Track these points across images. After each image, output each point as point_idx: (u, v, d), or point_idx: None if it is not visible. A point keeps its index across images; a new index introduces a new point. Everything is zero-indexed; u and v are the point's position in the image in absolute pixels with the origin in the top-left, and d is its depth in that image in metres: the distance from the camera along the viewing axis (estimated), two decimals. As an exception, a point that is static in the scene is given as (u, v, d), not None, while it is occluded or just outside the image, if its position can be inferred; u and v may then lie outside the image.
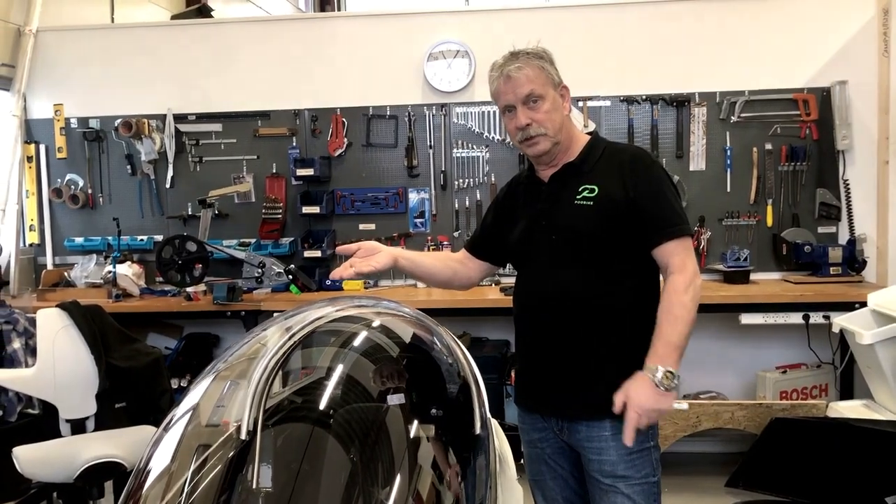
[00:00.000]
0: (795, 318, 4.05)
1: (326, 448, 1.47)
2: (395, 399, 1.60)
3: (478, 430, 1.62)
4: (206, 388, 1.57)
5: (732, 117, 4.53)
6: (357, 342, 1.78)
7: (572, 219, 2.06)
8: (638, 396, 1.89)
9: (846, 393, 4.16)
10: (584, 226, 2.04)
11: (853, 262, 4.30)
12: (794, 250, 4.39)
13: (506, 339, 4.47)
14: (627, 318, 2.05)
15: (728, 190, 4.57)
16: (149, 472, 1.38)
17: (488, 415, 1.70)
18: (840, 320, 3.74)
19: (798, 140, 4.52)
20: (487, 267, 2.36)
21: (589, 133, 2.23)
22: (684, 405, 1.84)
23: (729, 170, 4.56)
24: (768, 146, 4.52)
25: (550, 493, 2.20)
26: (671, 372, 1.90)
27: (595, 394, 2.02)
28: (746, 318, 4.07)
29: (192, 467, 1.37)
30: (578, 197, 2.05)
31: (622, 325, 2.05)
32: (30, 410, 3.89)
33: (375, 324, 1.87)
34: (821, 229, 4.52)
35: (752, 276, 4.43)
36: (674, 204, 2.07)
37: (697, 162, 4.58)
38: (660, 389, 1.89)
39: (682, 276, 1.99)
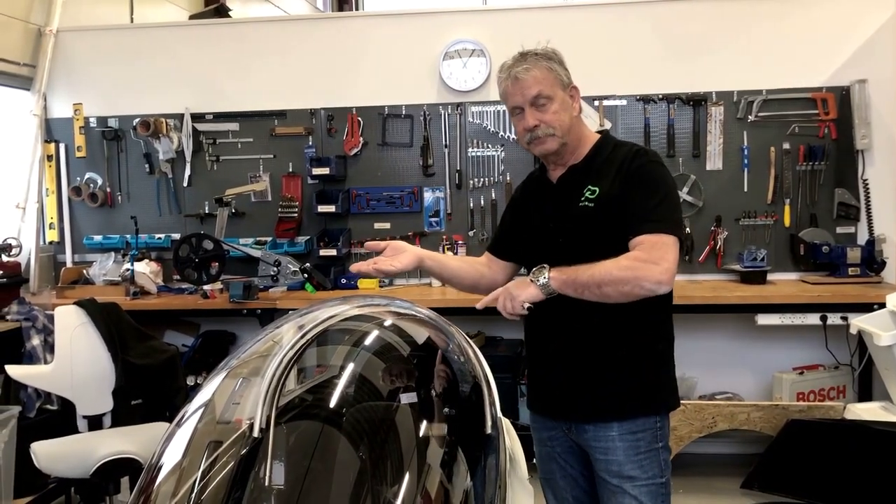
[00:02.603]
0: (813, 318, 4.01)
1: (338, 446, 1.48)
2: (406, 398, 1.60)
3: (489, 430, 1.62)
4: (219, 384, 1.59)
5: (750, 117, 4.50)
6: (369, 341, 1.79)
7: (576, 222, 2.04)
8: (511, 282, 2.08)
9: (864, 395, 4.13)
10: (588, 228, 2.03)
11: (872, 262, 4.25)
12: (811, 250, 4.35)
13: (520, 338, 4.45)
14: (633, 321, 2.03)
15: (745, 189, 4.53)
16: (160, 467, 1.39)
17: (499, 414, 1.70)
18: (858, 321, 3.71)
19: (816, 139, 4.47)
20: (512, 267, 2.33)
21: (600, 132, 2.20)
22: (528, 305, 1.94)
23: (746, 169, 4.52)
24: (786, 146, 4.48)
25: (560, 492, 2.21)
26: (547, 279, 1.94)
27: (602, 397, 2.03)
28: (763, 319, 4.04)
29: (205, 463, 1.38)
30: (582, 199, 2.04)
31: (628, 328, 2.03)
32: (48, 406, 3.94)
33: (388, 323, 1.88)
34: (839, 229, 4.48)
35: (769, 277, 4.40)
36: (660, 201, 1.98)
37: (714, 161, 4.55)
38: (526, 282, 1.97)
39: (640, 254, 1.92)
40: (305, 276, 4.44)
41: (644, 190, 1.99)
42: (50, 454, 3.00)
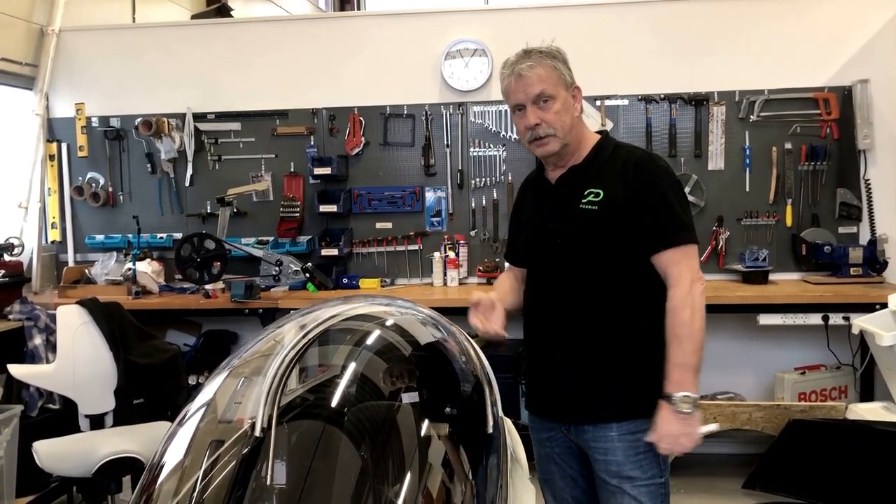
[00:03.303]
0: (814, 318, 4.00)
1: (339, 445, 1.48)
2: (408, 398, 1.60)
3: (490, 430, 1.62)
4: (221, 384, 1.59)
5: (752, 116, 4.49)
6: (371, 341, 1.79)
7: (577, 223, 2.04)
8: (663, 427, 1.95)
9: (866, 395, 4.12)
10: (589, 230, 2.02)
11: (874, 262, 4.25)
12: (813, 250, 4.34)
13: (521, 338, 4.45)
14: (632, 322, 2.03)
15: (747, 189, 4.53)
16: (162, 466, 1.40)
17: (501, 414, 1.70)
18: (860, 321, 3.71)
19: (818, 139, 4.47)
20: None
21: (599, 133, 2.19)
22: (713, 427, 1.93)
23: (748, 169, 4.52)
24: (788, 145, 4.48)
25: (560, 493, 2.20)
26: (688, 396, 1.93)
27: (601, 398, 2.02)
28: (765, 319, 4.04)
29: (206, 463, 1.38)
30: (584, 201, 2.03)
31: (627, 328, 2.03)
32: (50, 406, 3.94)
33: (389, 323, 1.88)
34: (841, 229, 4.47)
35: (771, 277, 4.39)
36: (677, 211, 2.02)
37: (716, 161, 4.55)
38: (681, 415, 1.93)
39: (679, 290, 1.98)
40: (307, 275, 4.45)
41: (660, 202, 2.00)
42: (52, 453, 3.00)
